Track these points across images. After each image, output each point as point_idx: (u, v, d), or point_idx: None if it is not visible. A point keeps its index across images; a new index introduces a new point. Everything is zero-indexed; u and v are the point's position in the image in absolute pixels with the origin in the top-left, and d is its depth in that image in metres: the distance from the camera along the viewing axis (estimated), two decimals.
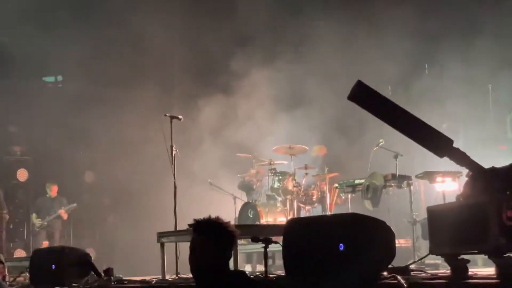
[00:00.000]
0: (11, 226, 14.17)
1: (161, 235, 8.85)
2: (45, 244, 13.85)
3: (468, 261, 5.68)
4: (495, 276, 5.16)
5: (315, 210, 11.60)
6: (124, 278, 8.48)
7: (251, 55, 13.82)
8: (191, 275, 6.91)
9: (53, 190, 14.47)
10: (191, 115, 13.18)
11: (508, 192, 5.25)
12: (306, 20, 13.81)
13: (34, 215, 14.36)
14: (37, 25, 13.95)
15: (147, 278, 8.30)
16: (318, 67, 13.25)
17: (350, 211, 10.71)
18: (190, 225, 4.45)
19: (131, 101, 14.66)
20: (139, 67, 14.85)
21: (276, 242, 6.21)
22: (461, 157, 5.63)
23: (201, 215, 4.49)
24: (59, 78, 16.87)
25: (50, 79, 16.97)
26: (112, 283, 7.85)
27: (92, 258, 8.94)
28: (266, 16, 13.86)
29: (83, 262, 8.28)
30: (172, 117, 9.53)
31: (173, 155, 9.44)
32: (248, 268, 11.16)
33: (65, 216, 14.25)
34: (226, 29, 14.39)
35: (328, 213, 11.28)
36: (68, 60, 14.37)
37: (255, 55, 13.80)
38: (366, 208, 10.43)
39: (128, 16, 14.12)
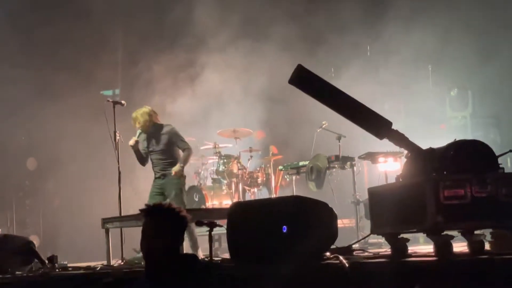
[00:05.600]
0: None
1: (105, 221, 8.82)
2: None
3: (407, 239, 5.82)
4: (433, 253, 5.30)
5: (260, 193, 11.67)
6: (69, 265, 8.43)
7: (197, 38, 13.78)
8: (135, 261, 6.91)
9: None
10: (135, 99, 13.09)
11: (445, 172, 5.38)
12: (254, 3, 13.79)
13: None
14: None
15: (92, 264, 8.26)
16: (261, 49, 13.27)
17: (294, 193, 10.81)
18: (141, 210, 4.45)
19: (74, 84, 14.44)
20: (85, 48, 14.65)
21: (220, 226, 6.23)
22: (399, 139, 5.74)
23: (147, 201, 4.51)
24: None
25: None
26: (57, 270, 7.80)
27: (36, 246, 8.87)
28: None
29: (26, 250, 8.20)
30: (115, 103, 9.46)
31: (117, 140, 9.38)
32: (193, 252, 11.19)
33: None
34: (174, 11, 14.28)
35: (273, 195, 11.36)
36: (11, 46, 14.07)
37: (201, 38, 13.76)
38: (311, 189, 10.55)
39: None
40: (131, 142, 9.44)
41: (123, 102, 9.52)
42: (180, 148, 9.48)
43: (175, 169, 9.27)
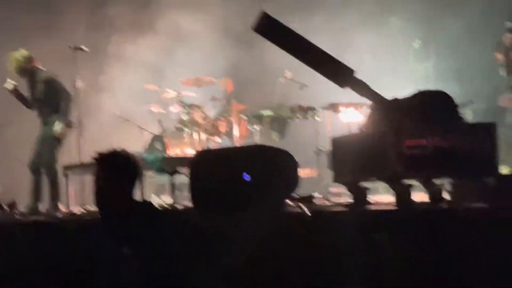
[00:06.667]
0: None
1: (66, 168, 8.77)
2: None
3: (368, 188, 5.88)
4: (393, 202, 5.37)
5: (223, 142, 11.63)
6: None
7: None
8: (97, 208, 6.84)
9: None
10: (96, 46, 12.88)
11: (407, 122, 5.42)
12: None
13: None
14: None
15: None
16: None
17: (257, 142, 10.81)
18: (94, 158, 4.40)
19: (35, 28, 14.11)
20: None
21: (182, 173, 6.24)
22: (362, 87, 5.76)
23: (108, 148, 4.45)
24: None
25: None
26: (17, 216, 7.75)
27: None
28: None
29: None
30: (76, 48, 9.30)
31: (77, 87, 9.25)
32: (155, 199, 11.17)
33: None
34: None
35: (236, 144, 11.34)
36: None
37: None
38: (273, 139, 10.56)
39: None
40: (8, 86, 9.03)
41: (85, 48, 9.35)
42: (59, 98, 8.99)
43: (56, 130, 8.90)
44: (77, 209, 8.45)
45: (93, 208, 8.47)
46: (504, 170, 7.05)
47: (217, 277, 4.78)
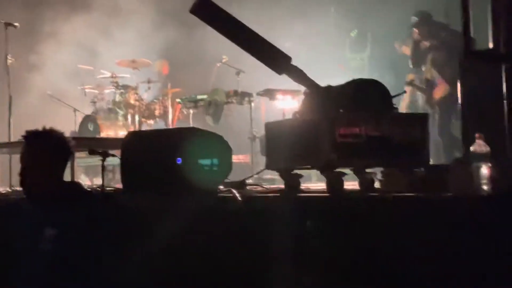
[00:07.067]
0: None
1: None
2: None
3: (301, 176, 5.89)
4: (325, 190, 5.39)
5: (157, 125, 11.56)
6: None
7: None
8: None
9: None
10: (30, 22, 12.59)
11: (341, 110, 5.44)
12: None
13: None
14: None
15: None
16: None
17: (192, 126, 10.75)
18: (24, 136, 4.29)
19: None
20: None
21: (114, 155, 6.13)
22: (298, 75, 5.75)
23: (39, 127, 4.36)
24: None
25: None
26: None
27: None
28: None
29: None
30: (7, 24, 9.08)
31: (9, 64, 9.04)
32: (86, 181, 11.02)
33: None
34: None
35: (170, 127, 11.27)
36: None
37: None
38: (208, 123, 10.51)
39: None
40: None
41: (16, 24, 9.13)
42: None
43: None
44: (3, 189, 8.26)
45: (19, 187, 8.32)
46: None
47: (143, 261, 4.72)
